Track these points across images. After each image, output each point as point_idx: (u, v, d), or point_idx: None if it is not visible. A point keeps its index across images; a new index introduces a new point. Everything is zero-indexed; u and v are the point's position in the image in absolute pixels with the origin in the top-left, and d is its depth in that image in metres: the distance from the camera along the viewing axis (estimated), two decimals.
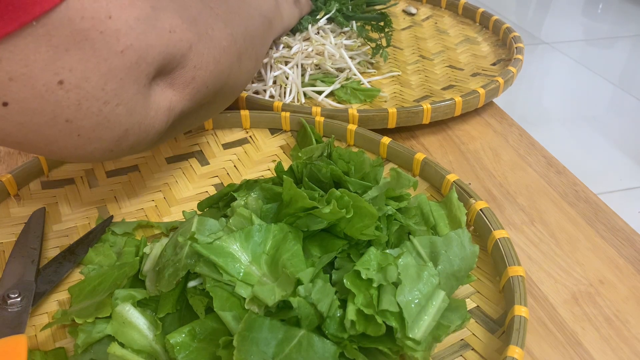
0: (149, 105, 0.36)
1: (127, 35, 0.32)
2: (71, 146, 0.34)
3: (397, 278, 0.34)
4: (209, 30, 0.39)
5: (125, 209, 0.48)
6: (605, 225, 0.50)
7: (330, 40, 0.69)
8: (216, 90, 0.42)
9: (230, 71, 0.42)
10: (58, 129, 0.32)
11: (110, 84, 0.32)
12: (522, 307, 0.36)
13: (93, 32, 0.31)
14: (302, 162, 0.44)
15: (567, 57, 2.19)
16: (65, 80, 0.31)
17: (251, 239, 0.36)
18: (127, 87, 0.33)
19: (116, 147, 0.36)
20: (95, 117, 0.33)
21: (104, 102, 0.32)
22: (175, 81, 0.37)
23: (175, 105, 0.38)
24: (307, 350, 0.32)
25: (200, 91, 0.39)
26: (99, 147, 0.35)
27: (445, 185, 0.48)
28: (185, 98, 0.39)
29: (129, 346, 0.34)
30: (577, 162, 1.11)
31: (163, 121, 0.38)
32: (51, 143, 0.33)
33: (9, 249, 0.43)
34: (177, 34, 0.36)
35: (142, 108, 0.35)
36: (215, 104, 0.45)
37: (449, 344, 0.37)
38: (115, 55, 0.32)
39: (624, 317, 0.42)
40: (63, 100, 0.31)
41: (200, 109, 0.43)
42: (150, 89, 0.36)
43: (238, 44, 0.44)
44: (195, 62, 0.38)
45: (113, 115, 0.33)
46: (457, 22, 0.85)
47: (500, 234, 0.42)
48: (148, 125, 0.36)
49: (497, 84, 0.62)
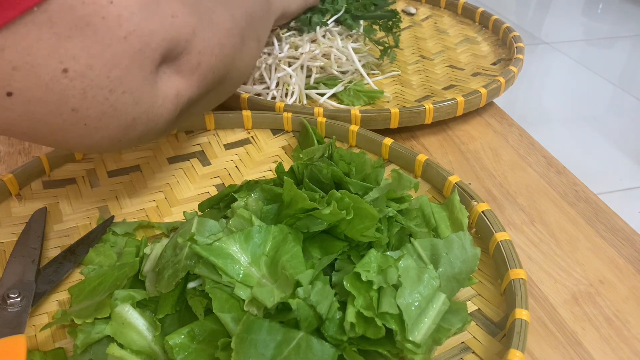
0: (156, 93, 0.35)
1: (130, 21, 0.31)
2: (78, 136, 0.33)
3: (397, 280, 0.34)
4: (211, 14, 0.39)
5: (126, 209, 0.48)
6: (605, 225, 0.50)
7: (338, 43, 0.68)
8: (223, 74, 0.41)
9: (234, 54, 0.42)
10: (64, 119, 0.32)
11: (115, 71, 0.32)
12: (523, 311, 0.36)
13: (95, 17, 0.30)
14: (303, 163, 0.44)
15: (567, 57, 2.19)
16: (70, 68, 0.30)
17: (251, 240, 0.36)
18: (132, 74, 0.33)
19: (124, 136, 0.35)
20: (101, 106, 0.32)
21: (109, 90, 0.32)
22: (182, 68, 0.37)
23: (183, 93, 0.38)
24: (306, 353, 0.32)
25: (207, 77, 0.39)
26: (106, 136, 0.34)
27: (447, 187, 0.48)
28: (192, 85, 0.38)
29: (128, 347, 0.34)
30: (577, 162, 1.11)
31: (171, 109, 0.37)
32: (57, 132, 0.33)
33: (9, 249, 0.43)
34: (180, 19, 0.35)
35: (149, 96, 0.35)
36: (223, 89, 0.45)
37: (449, 347, 0.37)
38: (118, 41, 0.31)
39: (624, 317, 0.42)
40: (68, 89, 0.31)
41: (208, 94, 0.42)
42: (156, 76, 0.35)
43: (240, 26, 0.43)
44: (200, 47, 0.37)
45: (119, 104, 0.33)
46: (457, 22, 0.85)
47: (502, 236, 0.42)
48: (156, 114, 0.36)
49: (499, 83, 0.62)
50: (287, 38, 0.68)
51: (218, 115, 0.56)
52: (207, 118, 0.56)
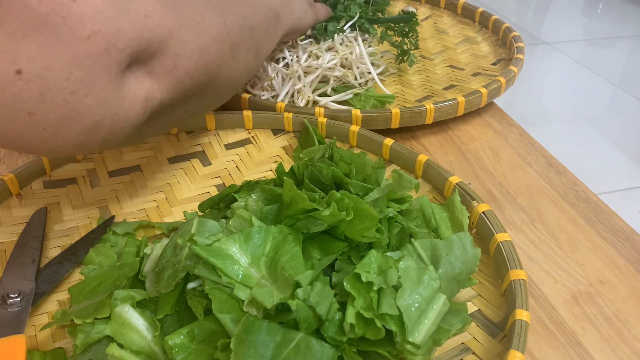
0: (123, 95, 0.34)
1: (94, 20, 0.30)
2: (38, 140, 0.32)
3: (397, 281, 0.34)
4: (197, 17, 0.38)
5: (126, 209, 0.48)
6: (605, 225, 0.50)
7: (359, 49, 0.65)
8: (204, 81, 0.39)
9: (221, 62, 0.40)
10: (21, 123, 0.30)
11: (75, 73, 0.30)
12: (523, 311, 0.36)
13: (54, 16, 0.29)
14: (303, 164, 0.44)
15: (567, 57, 2.19)
16: (24, 70, 0.29)
17: (250, 240, 0.36)
18: (95, 76, 0.31)
19: (87, 140, 0.33)
20: (61, 109, 0.31)
21: (70, 93, 0.30)
22: (155, 69, 0.35)
23: (154, 95, 0.36)
24: (306, 354, 0.32)
25: (184, 81, 0.37)
26: (68, 140, 0.32)
27: (448, 188, 0.48)
28: (165, 87, 0.36)
29: (127, 347, 0.34)
30: (577, 162, 1.11)
31: (139, 112, 0.35)
32: (14, 137, 0.31)
33: (10, 249, 0.43)
34: (154, 19, 0.33)
35: (114, 98, 0.33)
36: (207, 97, 0.43)
37: (449, 348, 0.37)
38: (80, 41, 0.30)
39: (624, 317, 0.42)
40: (23, 91, 0.29)
41: (188, 101, 0.41)
42: (123, 77, 0.33)
43: (232, 34, 0.42)
44: (176, 49, 0.35)
45: (81, 107, 0.31)
46: (457, 22, 0.85)
47: (502, 237, 0.42)
48: (122, 116, 0.34)
49: (499, 83, 0.62)
50: (305, 47, 0.66)
51: (219, 115, 0.56)
52: (208, 118, 0.56)
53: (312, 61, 0.63)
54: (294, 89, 0.62)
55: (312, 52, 0.65)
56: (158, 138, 0.55)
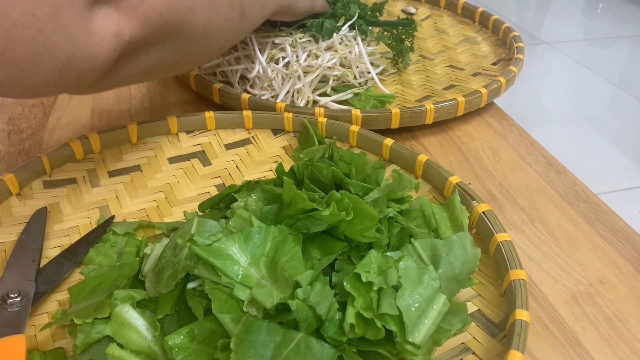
0: (92, 30, 0.33)
1: None
2: (10, 80, 0.31)
3: (397, 281, 0.34)
4: None
5: (126, 209, 0.48)
6: (605, 225, 0.50)
7: (359, 49, 0.65)
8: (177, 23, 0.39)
9: (195, 6, 0.40)
10: None
11: (41, 8, 0.30)
12: (523, 312, 0.36)
13: None
14: (303, 164, 0.44)
15: (567, 57, 2.19)
16: None
17: (250, 240, 0.36)
18: (62, 11, 0.31)
19: (60, 78, 0.33)
20: (30, 47, 0.30)
21: (37, 29, 0.30)
22: (121, 4, 0.35)
23: (124, 31, 0.35)
24: (305, 354, 0.32)
25: (152, 18, 0.37)
26: (40, 79, 0.32)
27: (448, 188, 0.48)
28: (133, 24, 0.36)
29: (127, 347, 0.34)
30: (577, 162, 1.11)
31: (110, 48, 0.35)
32: None
33: (10, 249, 0.43)
34: None
35: (83, 34, 0.33)
36: (184, 45, 0.42)
37: (449, 348, 0.37)
38: None
39: (624, 317, 0.42)
40: None
41: (162, 45, 0.40)
42: (91, 12, 0.33)
43: None
44: None
45: (51, 43, 0.31)
46: (457, 22, 0.85)
47: (502, 237, 0.42)
48: (93, 52, 0.34)
49: (499, 83, 0.62)
50: (304, 46, 0.65)
51: (219, 115, 0.56)
52: (208, 118, 0.56)
53: (311, 61, 0.63)
54: (294, 88, 0.62)
55: (312, 51, 0.65)
56: (158, 138, 0.55)
